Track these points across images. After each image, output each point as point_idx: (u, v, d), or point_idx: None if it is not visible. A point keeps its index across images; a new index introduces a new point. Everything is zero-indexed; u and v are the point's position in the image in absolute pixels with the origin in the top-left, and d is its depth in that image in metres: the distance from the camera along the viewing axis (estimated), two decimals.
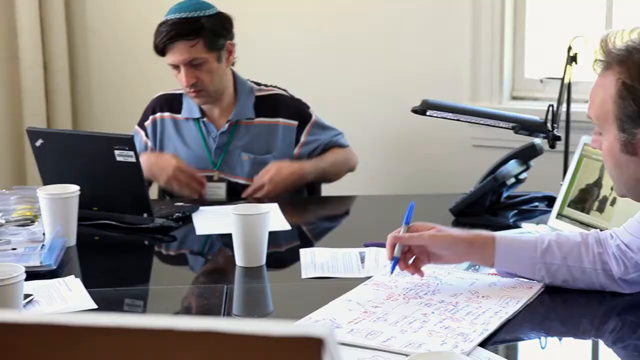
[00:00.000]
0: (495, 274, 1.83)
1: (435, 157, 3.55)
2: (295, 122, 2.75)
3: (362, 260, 1.99)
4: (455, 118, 2.23)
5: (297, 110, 2.77)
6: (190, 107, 2.74)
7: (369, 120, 3.62)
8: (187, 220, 2.38)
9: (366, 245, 2.08)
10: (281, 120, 2.74)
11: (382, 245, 1.87)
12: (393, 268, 1.76)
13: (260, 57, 3.61)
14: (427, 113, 2.16)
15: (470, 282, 1.79)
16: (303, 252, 2.06)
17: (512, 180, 2.38)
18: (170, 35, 2.57)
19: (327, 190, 3.02)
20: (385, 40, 3.55)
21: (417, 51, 3.50)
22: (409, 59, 3.52)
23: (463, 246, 1.74)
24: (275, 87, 2.82)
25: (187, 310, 1.80)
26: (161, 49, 2.60)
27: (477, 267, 1.91)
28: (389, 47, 3.55)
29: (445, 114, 2.17)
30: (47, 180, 2.36)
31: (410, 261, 1.77)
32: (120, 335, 0.72)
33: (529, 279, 1.76)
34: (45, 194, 2.14)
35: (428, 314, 1.61)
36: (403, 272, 1.84)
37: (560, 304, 1.73)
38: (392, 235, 1.76)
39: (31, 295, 1.74)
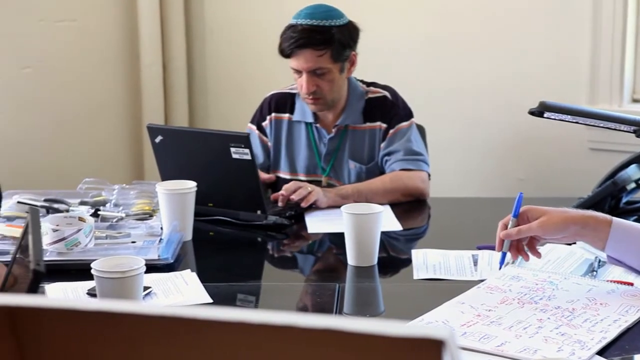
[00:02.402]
0: (614, 281, 1.78)
1: (550, 160, 3.47)
2: (385, 125, 2.68)
3: (475, 263, 1.97)
4: (574, 121, 2.17)
5: (391, 113, 2.68)
6: (304, 109, 2.71)
7: (482, 121, 3.57)
8: (299, 218, 2.40)
9: (479, 248, 2.05)
10: (378, 123, 2.69)
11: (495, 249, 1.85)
12: (501, 263, 1.75)
13: (370, 55, 3.61)
14: (545, 115, 2.11)
15: (587, 289, 1.74)
16: (415, 252, 2.05)
17: (633, 185, 2.31)
18: (299, 42, 2.53)
19: (438, 191, 3.00)
20: (500, 39, 3.49)
21: (533, 51, 3.44)
22: (524, 59, 3.46)
23: (575, 228, 1.71)
24: (385, 87, 2.75)
25: (299, 308, 1.81)
26: (287, 54, 2.58)
27: (595, 273, 1.87)
28: (503, 47, 3.49)
29: (563, 117, 2.11)
30: (165, 176, 2.42)
31: (525, 242, 1.75)
32: (242, 330, 0.73)
33: (638, 272, 1.71)
34: (164, 189, 2.19)
35: (544, 320, 1.58)
36: (518, 276, 1.81)
37: None
38: (500, 232, 1.74)
39: (149, 287, 1.78)
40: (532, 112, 2.21)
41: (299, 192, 2.44)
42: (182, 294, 1.80)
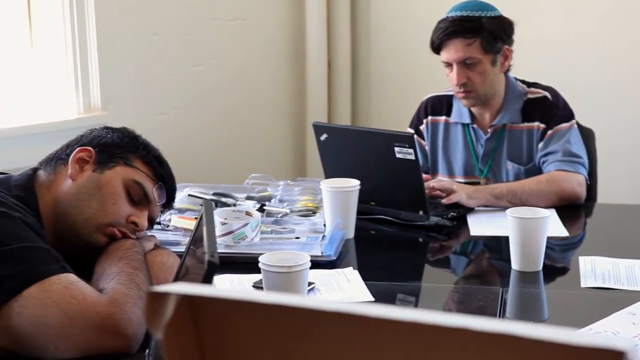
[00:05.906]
0: None
1: None
2: (543, 126, 2.60)
3: None
4: None
5: (550, 113, 2.60)
6: (461, 110, 2.68)
7: None
8: (462, 219, 2.38)
9: None
10: (536, 124, 2.61)
11: None
12: None
13: (536, 55, 3.53)
14: None
15: None
16: (582, 260, 1.99)
17: None
18: (447, 32, 2.54)
19: (606, 197, 2.90)
20: None
21: None
22: None
23: None
24: (547, 87, 2.67)
25: (460, 310, 1.80)
26: (437, 45, 2.57)
27: None
28: None
29: None
30: (329, 174, 2.45)
31: None
32: (413, 330, 0.73)
33: None
34: (328, 187, 2.22)
35: None
36: None
37: None
38: None
39: (313, 283, 1.81)
40: None
41: (443, 184, 2.45)
42: (344, 291, 1.82)
